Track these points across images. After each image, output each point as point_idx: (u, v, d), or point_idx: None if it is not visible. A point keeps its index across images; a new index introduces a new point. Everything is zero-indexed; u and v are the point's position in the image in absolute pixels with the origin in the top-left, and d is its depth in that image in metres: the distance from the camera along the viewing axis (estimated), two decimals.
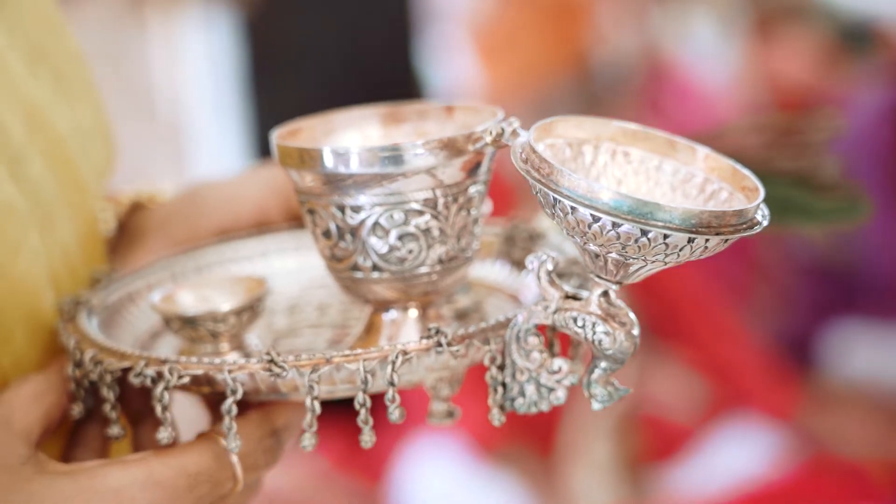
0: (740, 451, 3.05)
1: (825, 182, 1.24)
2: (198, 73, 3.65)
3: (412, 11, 3.79)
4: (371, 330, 1.00)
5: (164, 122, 3.26)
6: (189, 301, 1.03)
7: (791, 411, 3.14)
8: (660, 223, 0.85)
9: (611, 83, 3.27)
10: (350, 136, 1.03)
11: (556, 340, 0.97)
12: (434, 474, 3.04)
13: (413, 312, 1.00)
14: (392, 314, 1.00)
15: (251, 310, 1.02)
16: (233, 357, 0.97)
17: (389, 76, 3.85)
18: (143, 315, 1.08)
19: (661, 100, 3.55)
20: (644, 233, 0.85)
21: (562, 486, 3.07)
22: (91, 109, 1.12)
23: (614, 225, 0.85)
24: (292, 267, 1.15)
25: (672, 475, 3.07)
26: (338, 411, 1.02)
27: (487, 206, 1.13)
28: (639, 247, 0.86)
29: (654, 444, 3.11)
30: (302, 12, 3.84)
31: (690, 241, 0.86)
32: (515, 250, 1.12)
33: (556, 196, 0.86)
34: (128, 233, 1.18)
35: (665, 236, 0.85)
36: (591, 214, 0.85)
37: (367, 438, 0.92)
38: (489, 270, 1.13)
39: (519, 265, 1.11)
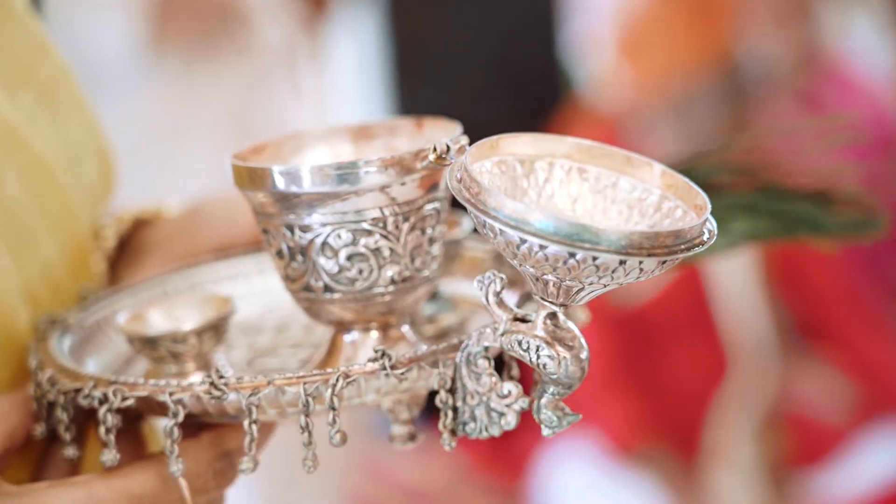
0: (890, 455, 2.97)
1: (841, 196, 1.18)
2: (343, 71, 3.67)
3: (556, 6, 3.76)
4: (332, 351, 0.98)
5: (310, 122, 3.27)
6: (158, 320, 1.01)
7: None
8: (587, 245, 0.81)
9: (758, 79, 3.20)
10: (320, 152, 1.02)
11: (514, 364, 0.94)
12: (574, 474, 3.02)
13: (374, 333, 0.98)
14: (353, 335, 0.98)
15: (214, 329, 1.00)
16: (194, 378, 0.96)
17: (533, 72, 3.83)
18: None
19: (821, 95, 3.45)
20: (572, 255, 0.82)
21: (703, 488, 3.02)
22: (81, 127, 1.12)
23: (541, 247, 0.82)
24: None
25: (818, 479, 3.00)
26: None
27: (468, 224, 1.10)
28: (569, 269, 0.83)
29: (800, 446, 3.04)
30: (445, 7, 3.84)
31: (622, 263, 0.82)
32: (505, 268, 1.08)
33: (483, 217, 0.84)
34: (130, 249, 1.18)
35: (594, 258, 0.82)
36: (519, 236, 0.83)
37: (310, 464, 0.91)
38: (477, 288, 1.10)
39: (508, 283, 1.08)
